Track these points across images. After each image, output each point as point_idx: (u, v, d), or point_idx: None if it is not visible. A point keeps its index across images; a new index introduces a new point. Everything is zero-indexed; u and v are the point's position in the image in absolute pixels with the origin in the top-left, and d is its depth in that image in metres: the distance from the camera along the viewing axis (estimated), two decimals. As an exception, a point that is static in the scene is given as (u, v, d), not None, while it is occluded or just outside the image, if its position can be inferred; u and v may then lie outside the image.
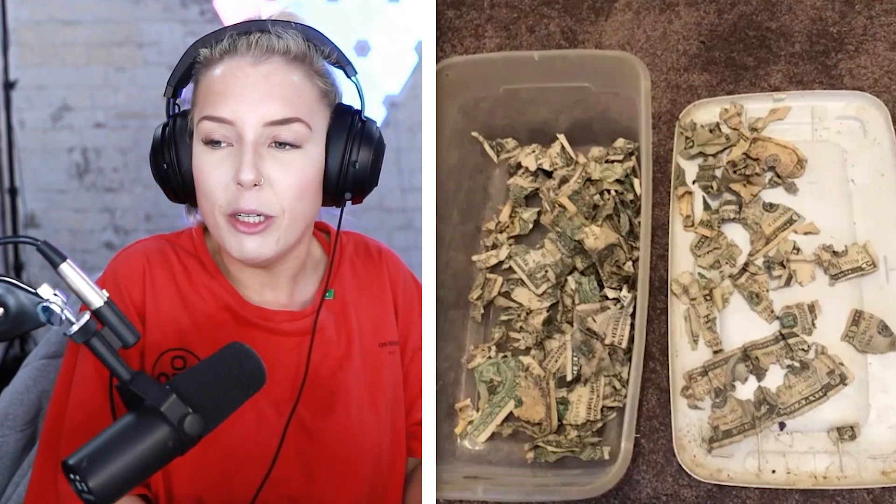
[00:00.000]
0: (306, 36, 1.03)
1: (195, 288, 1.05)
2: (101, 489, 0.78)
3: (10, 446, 1.18)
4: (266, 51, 1.00)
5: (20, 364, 1.22)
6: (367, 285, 1.15)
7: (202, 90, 1.01)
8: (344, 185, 1.04)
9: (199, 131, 0.99)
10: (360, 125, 1.04)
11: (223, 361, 0.87)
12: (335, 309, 1.11)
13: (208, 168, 0.99)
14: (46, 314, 0.81)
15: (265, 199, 0.98)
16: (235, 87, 0.98)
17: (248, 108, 0.97)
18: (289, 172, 0.99)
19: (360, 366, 1.11)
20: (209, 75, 1.00)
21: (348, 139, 1.03)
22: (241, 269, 1.07)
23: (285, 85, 0.99)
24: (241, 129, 0.97)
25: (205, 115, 0.98)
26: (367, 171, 1.04)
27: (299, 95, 1.00)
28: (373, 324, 1.13)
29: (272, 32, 1.01)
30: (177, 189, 1.04)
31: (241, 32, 1.01)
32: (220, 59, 1.00)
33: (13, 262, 2.87)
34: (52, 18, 3.05)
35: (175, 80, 1.03)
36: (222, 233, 1.00)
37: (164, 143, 1.03)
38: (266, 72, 0.99)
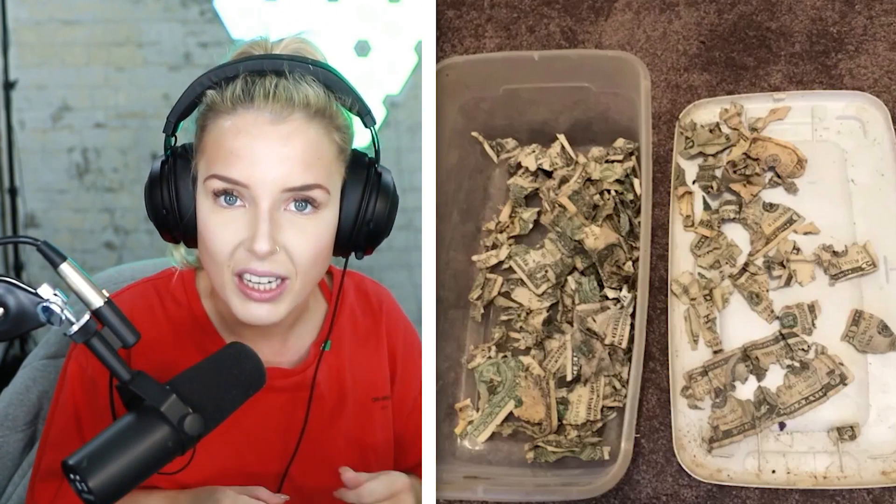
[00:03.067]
0: (326, 82, 0.94)
1: (184, 346, 1.01)
2: (101, 489, 0.78)
3: (10, 446, 1.18)
4: (286, 105, 0.90)
5: (20, 364, 1.22)
6: (365, 338, 1.10)
7: (211, 141, 0.92)
8: (357, 241, 0.97)
9: (207, 186, 0.91)
10: (375, 178, 0.97)
11: (223, 361, 0.87)
12: (330, 361, 1.06)
13: (217, 227, 0.91)
14: (46, 314, 0.81)
15: (279, 263, 0.91)
16: (251, 148, 0.89)
17: (264, 172, 0.89)
18: (305, 238, 0.92)
19: (352, 421, 1.07)
20: (220, 125, 0.91)
21: (364, 194, 0.96)
22: (234, 324, 1.01)
23: (306, 147, 0.91)
24: (255, 195, 0.89)
25: (215, 174, 0.90)
26: (382, 227, 0.98)
27: (319, 157, 0.92)
28: (367, 378, 1.09)
29: (290, 78, 0.91)
30: (175, 235, 0.96)
31: (253, 72, 0.92)
32: (233, 108, 0.91)
33: (13, 262, 2.87)
34: (52, 18, 3.05)
35: (176, 115, 0.94)
36: (229, 295, 0.93)
37: (162, 184, 0.94)
38: (286, 132, 0.90)
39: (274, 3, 2.99)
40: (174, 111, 0.94)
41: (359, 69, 2.95)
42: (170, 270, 1.06)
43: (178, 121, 0.95)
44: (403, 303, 1.19)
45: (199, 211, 0.93)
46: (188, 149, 0.96)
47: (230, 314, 0.98)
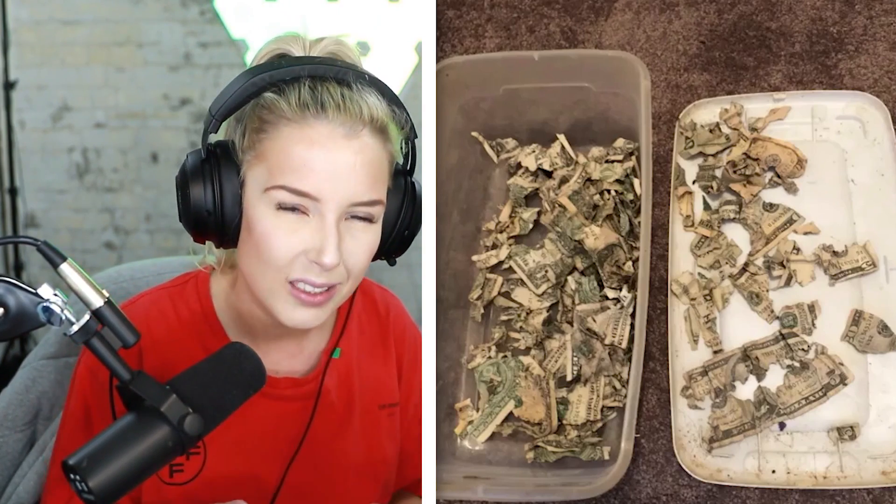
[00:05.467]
0: (387, 97, 0.94)
1: (194, 350, 0.99)
2: (101, 489, 0.78)
3: (10, 446, 1.18)
4: (358, 119, 0.90)
5: (20, 364, 1.22)
6: (372, 346, 1.10)
7: (277, 148, 0.89)
8: (392, 248, 0.99)
9: (271, 196, 0.89)
10: (411, 188, 0.99)
11: (223, 361, 0.87)
12: (339, 369, 1.06)
13: (280, 234, 0.90)
14: (46, 314, 0.81)
15: (335, 274, 0.92)
16: (326, 162, 0.88)
17: (336, 187, 0.89)
18: (361, 247, 0.93)
19: (360, 429, 1.07)
20: (286, 133, 0.89)
21: (403, 204, 0.97)
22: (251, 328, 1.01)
23: (373, 163, 0.91)
24: (324, 208, 0.89)
25: (286, 186, 0.88)
26: (414, 233, 1.00)
27: (381, 173, 0.93)
28: (375, 385, 1.09)
29: (354, 88, 0.91)
30: (213, 236, 0.93)
31: (316, 78, 0.90)
32: (301, 116, 0.89)
33: (13, 262, 2.88)
34: (52, 18, 3.05)
35: (223, 113, 0.90)
36: (276, 300, 0.92)
37: (205, 183, 0.90)
38: (358, 147, 0.89)
39: (274, 3, 2.99)
40: (222, 107, 0.90)
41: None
42: (182, 277, 1.05)
43: (224, 118, 0.91)
44: (404, 303, 1.19)
45: (254, 215, 0.91)
46: (229, 147, 0.93)
47: (250, 317, 0.99)
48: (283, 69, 0.90)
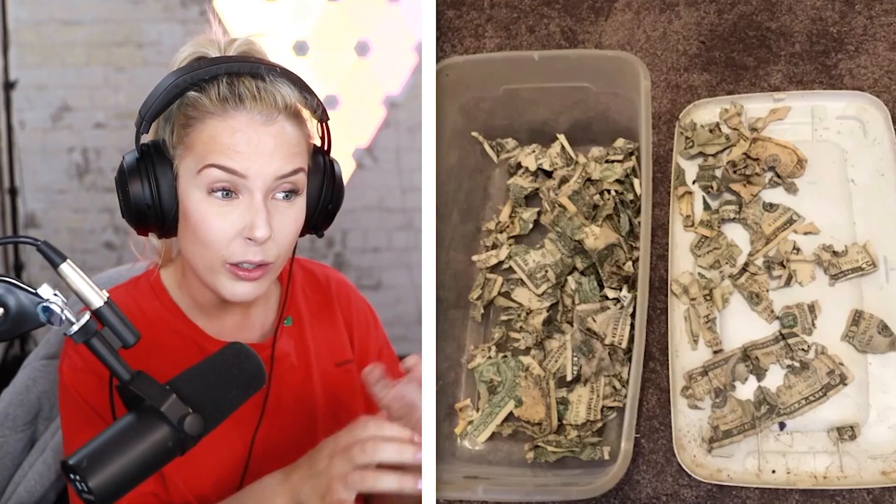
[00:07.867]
0: (297, 86, 1.03)
1: (161, 332, 1.07)
2: (102, 489, 0.78)
3: (10, 446, 1.18)
4: (273, 108, 1.00)
5: (20, 364, 1.22)
6: (319, 311, 1.19)
7: (204, 138, 0.99)
8: (318, 222, 1.08)
9: (201, 177, 0.98)
10: (330, 165, 1.08)
11: (223, 361, 0.87)
12: (294, 334, 1.16)
13: (214, 219, 0.99)
14: (46, 314, 0.81)
15: (268, 249, 1.00)
16: (249, 144, 0.98)
17: (261, 164, 0.98)
18: (289, 222, 1.02)
19: (321, 386, 1.16)
20: (210, 124, 0.99)
21: (324, 180, 1.07)
22: (200, 305, 1.10)
23: (291, 141, 1.01)
24: (251, 184, 0.98)
25: (215, 164, 0.98)
26: (336, 208, 1.09)
27: (300, 149, 1.03)
28: (328, 346, 1.18)
29: (268, 80, 1.00)
30: (154, 227, 1.02)
31: (232, 74, 1.00)
32: (222, 109, 0.99)
33: (13, 262, 2.87)
34: (52, 18, 3.04)
35: (153, 114, 1.00)
36: (217, 278, 1.01)
37: (142, 179, 1.00)
38: (276, 130, 1.00)
39: (274, 3, 2.99)
40: (150, 110, 0.99)
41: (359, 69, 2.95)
42: (133, 280, 1.13)
43: (153, 119, 1.00)
44: (404, 303, 1.21)
45: (188, 203, 1.00)
46: (161, 145, 1.02)
47: (203, 298, 1.08)
48: (202, 70, 0.99)
